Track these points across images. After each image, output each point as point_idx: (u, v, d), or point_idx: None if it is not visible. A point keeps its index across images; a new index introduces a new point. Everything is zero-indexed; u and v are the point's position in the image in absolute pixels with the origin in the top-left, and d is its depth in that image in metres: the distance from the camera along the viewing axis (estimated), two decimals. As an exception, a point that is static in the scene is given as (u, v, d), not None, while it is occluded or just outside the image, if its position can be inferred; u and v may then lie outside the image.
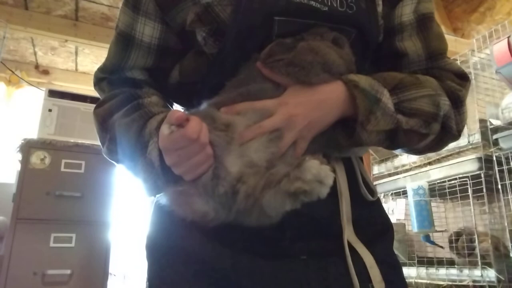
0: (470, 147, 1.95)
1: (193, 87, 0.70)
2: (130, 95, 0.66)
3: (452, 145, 2.03)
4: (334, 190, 0.64)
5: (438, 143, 0.67)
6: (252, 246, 0.60)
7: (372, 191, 0.69)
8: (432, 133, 0.64)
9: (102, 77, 0.73)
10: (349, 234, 0.62)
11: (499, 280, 1.66)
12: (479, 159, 1.83)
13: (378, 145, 0.65)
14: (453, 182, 1.96)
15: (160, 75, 0.72)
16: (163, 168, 0.56)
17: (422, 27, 0.71)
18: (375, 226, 0.69)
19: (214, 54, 0.64)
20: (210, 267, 0.60)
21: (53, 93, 2.44)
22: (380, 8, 0.69)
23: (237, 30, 0.61)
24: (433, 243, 2.07)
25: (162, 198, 0.58)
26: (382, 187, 2.40)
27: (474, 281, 1.76)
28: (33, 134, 2.29)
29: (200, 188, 0.54)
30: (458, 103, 0.66)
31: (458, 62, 2.06)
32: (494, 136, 1.83)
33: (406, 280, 2.06)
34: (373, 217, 0.69)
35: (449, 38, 2.45)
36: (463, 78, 0.69)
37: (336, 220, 0.63)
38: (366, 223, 0.66)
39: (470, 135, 1.93)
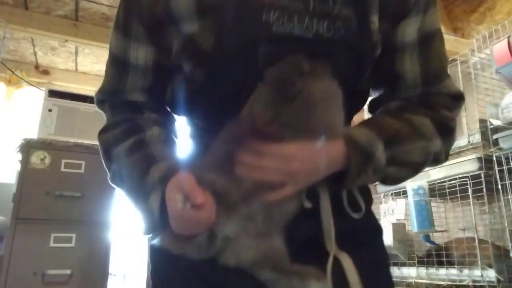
0: (470, 147, 1.95)
1: (187, 105, 0.72)
2: (132, 126, 0.69)
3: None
4: (317, 208, 0.65)
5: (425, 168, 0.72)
6: None
7: (359, 207, 0.69)
8: (419, 172, 0.69)
9: (103, 99, 0.74)
10: (330, 247, 0.64)
11: (499, 280, 1.66)
12: (479, 159, 1.83)
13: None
14: (453, 182, 1.95)
15: (159, 92, 0.73)
16: (162, 219, 0.61)
17: (423, 47, 0.69)
18: (361, 233, 0.70)
19: (201, 81, 0.65)
20: (207, 279, 0.62)
21: (53, 93, 2.44)
22: (375, 25, 0.66)
23: (221, 59, 0.61)
24: (433, 243, 2.07)
25: (157, 240, 0.64)
26: (382, 187, 2.40)
27: (474, 281, 1.76)
28: (33, 134, 2.29)
29: (195, 246, 0.60)
30: (449, 133, 0.68)
31: (458, 62, 2.06)
32: (494, 136, 1.83)
33: (406, 280, 2.04)
34: (359, 225, 0.70)
35: (449, 38, 2.45)
36: (458, 98, 0.71)
37: (319, 237, 0.64)
38: (351, 232, 0.68)
39: (470, 135, 1.93)
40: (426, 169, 0.73)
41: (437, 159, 0.69)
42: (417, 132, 0.65)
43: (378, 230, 0.75)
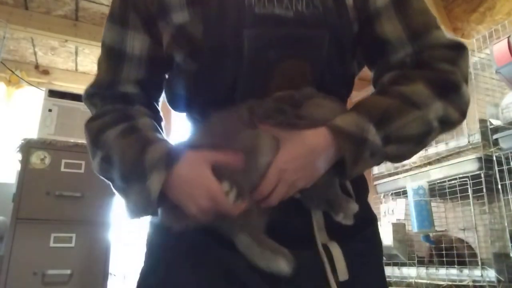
0: (470, 147, 1.95)
1: (185, 101, 0.73)
2: (123, 114, 0.69)
3: (452, 145, 2.04)
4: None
5: (441, 133, 0.66)
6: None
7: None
8: (428, 143, 0.66)
9: (93, 93, 0.75)
10: (321, 238, 0.66)
11: (499, 280, 1.66)
12: (479, 159, 1.83)
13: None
14: (453, 182, 1.96)
15: (152, 86, 0.75)
16: (159, 200, 0.58)
17: (399, 6, 0.68)
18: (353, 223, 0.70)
19: (194, 71, 0.67)
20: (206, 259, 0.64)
21: (53, 93, 2.44)
22: (350, 1, 0.68)
23: (210, 46, 0.64)
24: (433, 243, 2.07)
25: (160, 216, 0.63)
26: (382, 187, 2.41)
27: (474, 281, 1.76)
28: (33, 134, 2.29)
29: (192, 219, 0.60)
30: (452, 89, 0.63)
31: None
32: (494, 136, 1.83)
33: (406, 280, 2.04)
34: None
35: (449, 38, 2.44)
36: (456, 48, 0.66)
37: (310, 229, 0.66)
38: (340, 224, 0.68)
39: (470, 135, 1.94)
40: (426, 168, 0.71)
41: (448, 122, 0.64)
42: (408, 103, 0.61)
43: (371, 220, 0.75)
